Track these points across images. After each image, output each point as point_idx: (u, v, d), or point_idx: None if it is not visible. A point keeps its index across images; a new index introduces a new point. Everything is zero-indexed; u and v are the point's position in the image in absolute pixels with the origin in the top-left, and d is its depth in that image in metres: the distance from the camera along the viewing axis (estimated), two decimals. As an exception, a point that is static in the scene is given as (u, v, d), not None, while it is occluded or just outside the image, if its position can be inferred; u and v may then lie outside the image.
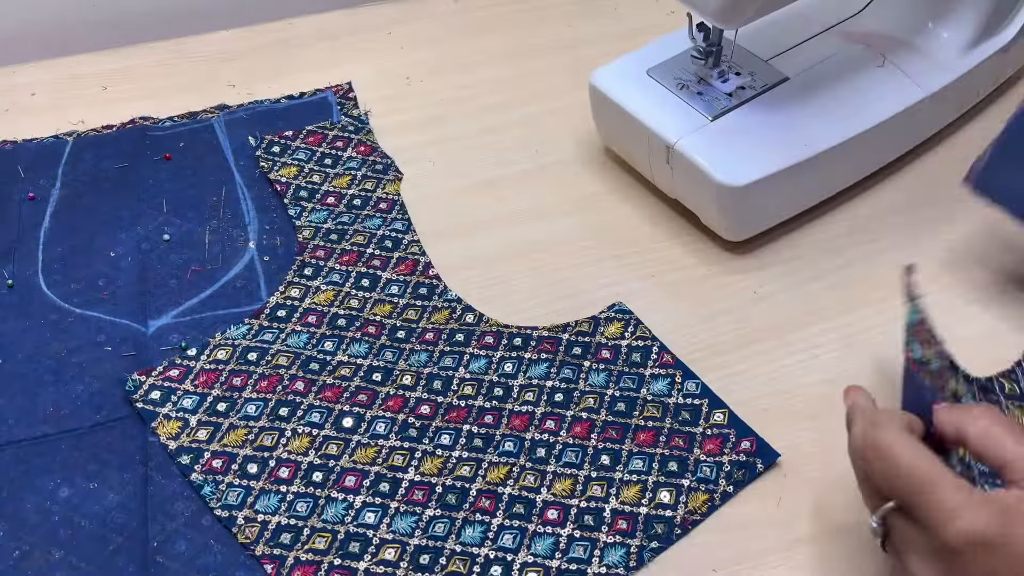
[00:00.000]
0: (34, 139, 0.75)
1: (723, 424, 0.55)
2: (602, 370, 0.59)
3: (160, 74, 0.82)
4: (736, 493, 0.53)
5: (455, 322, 0.62)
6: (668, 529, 0.51)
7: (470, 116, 0.77)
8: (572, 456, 0.55)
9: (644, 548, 0.51)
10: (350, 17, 0.87)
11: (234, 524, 0.52)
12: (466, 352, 0.60)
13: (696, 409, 0.56)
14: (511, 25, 0.86)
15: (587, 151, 0.73)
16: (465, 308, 0.63)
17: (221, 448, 0.55)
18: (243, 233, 0.68)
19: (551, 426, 0.56)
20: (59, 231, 0.68)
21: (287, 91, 0.79)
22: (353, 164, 0.72)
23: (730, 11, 0.58)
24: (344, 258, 0.65)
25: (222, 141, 0.75)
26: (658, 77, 0.67)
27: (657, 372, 0.58)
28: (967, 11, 0.70)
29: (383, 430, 0.56)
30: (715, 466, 0.54)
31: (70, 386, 0.59)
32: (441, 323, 0.62)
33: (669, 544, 0.51)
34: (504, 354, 0.60)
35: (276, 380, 0.58)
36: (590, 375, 0.59)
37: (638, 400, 0.57)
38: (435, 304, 0.63)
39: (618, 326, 0.61)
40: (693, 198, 0.65)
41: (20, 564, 0.51)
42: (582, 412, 0.57)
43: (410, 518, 0.52)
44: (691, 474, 0.53)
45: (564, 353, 0.60)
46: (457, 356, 0.60)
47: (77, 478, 0.55)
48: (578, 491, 0.53)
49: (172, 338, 0.61)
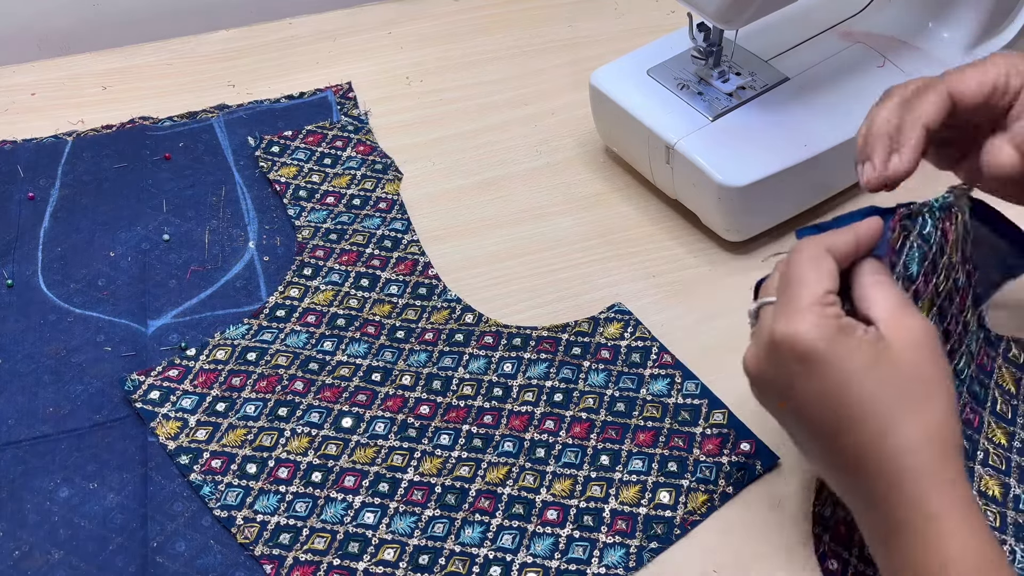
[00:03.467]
0: (34, 139, 0.75)
1: (722, 424, 0.55)
2: (601, 370, 0.59)
3: (160, 74, 0.82)
4: (736, 494, 0.53)
5: (454, 322, 0.62)
6: (668, 529, 0.51)
7: (470, 116, 0.77)
8: (571, 456, 0.55)
9: (643, 548, 0.50)
10: (350, 17, 0.87)
11: (233, 524, 0.52)
12: (465, 352, 0.60)
13: (696, 409, 0.56)
14: (511, 25, 0.86)
15: (587, 151, 0.73)
16: (464, 308, 0.63)
17: (220, 448, 0.55)
18: (243, 233, 0.68)
19: (550, 426, 0.56)
20: (59, 231, 0.68)
21: (287, 91, 0.79)
22: (353, 164, 0.72)
23: (730, 11, 0.58)
24: (343, 258, 0.65)
25: (222, 141, 0.75)
26: (658, 77, 0.67)
27: (657, 372, 0.58)
28: (967, 11, 0.70)
29: (382, 430, 0.56)
30: (715, 467, 0.54)
31: (70, 386, 0.59)
32: (440, 323, 0.62)
33: (669, 544, 0.51)
34: (503, 354, 0.60)
35: (275, 380, 0.58)
36: (589, 375, 0.58)
37: (638, 400, 0.57)
38: (434, 304, 0.63)
39: (617, 327, 0.61)
40: (693, 198, 0.65)
41: (20, 564, 0.51)
42: (581, 412, 0.57)
43: (409, 518, 0.52)
44: (691, 474, 0.53)
45: (563, 353, 0.60)
46: (456, 356, 0.60)
47: (77, 478, 0.55)
48: (577, 491, 0.53)
49: (172, 338, 0.61)
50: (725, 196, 0.61)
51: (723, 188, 0.61)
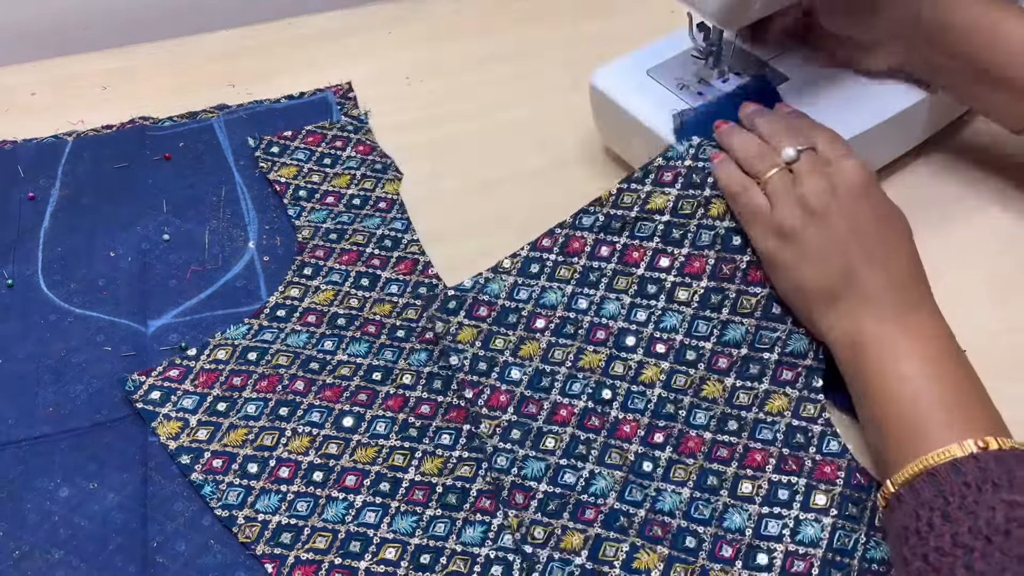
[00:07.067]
0: (34, 139, 0.75)
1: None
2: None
3: (160, 74, 0.82)
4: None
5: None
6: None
7: (470, 116, 0.77)
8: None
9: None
10: (350, 17, 0.87)
11: (234, 524, 0.52)
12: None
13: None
14: (511, 25, 0.86)
15: (587, 151, 0.73)
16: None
17: (221, 448, 0.55)
18: (243, 233, 0.68)
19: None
20: (59, 231, 0.68)
21: (287, 91, 0.79)
22: (352, 164, 0.72)
23: (730, 12, 0.58)
24: (344, 258, 0.65)
25: (222, 141, 0.74)
26: (658, 77, 0.67)
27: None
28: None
29: (383, 430, 0.56)
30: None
31: (70, 386, 0.59)
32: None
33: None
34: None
35: (276, 380, 0.58)
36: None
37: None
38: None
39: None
40: (693, 198, 0.65)
41: (20, 564, 0.51)
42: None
43: (410, 518, 0.52)
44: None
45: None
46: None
47: (77, 478, 0.55)
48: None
49: (172, 338, 0.61)
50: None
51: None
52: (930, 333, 0.49)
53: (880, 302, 0.50)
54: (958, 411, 0.46)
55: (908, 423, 0.46)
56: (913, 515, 0.42)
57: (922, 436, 0.45)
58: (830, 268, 0.52)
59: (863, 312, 0.50)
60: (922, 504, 0.42)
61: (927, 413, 0.46)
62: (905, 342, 0.49)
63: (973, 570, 0.39)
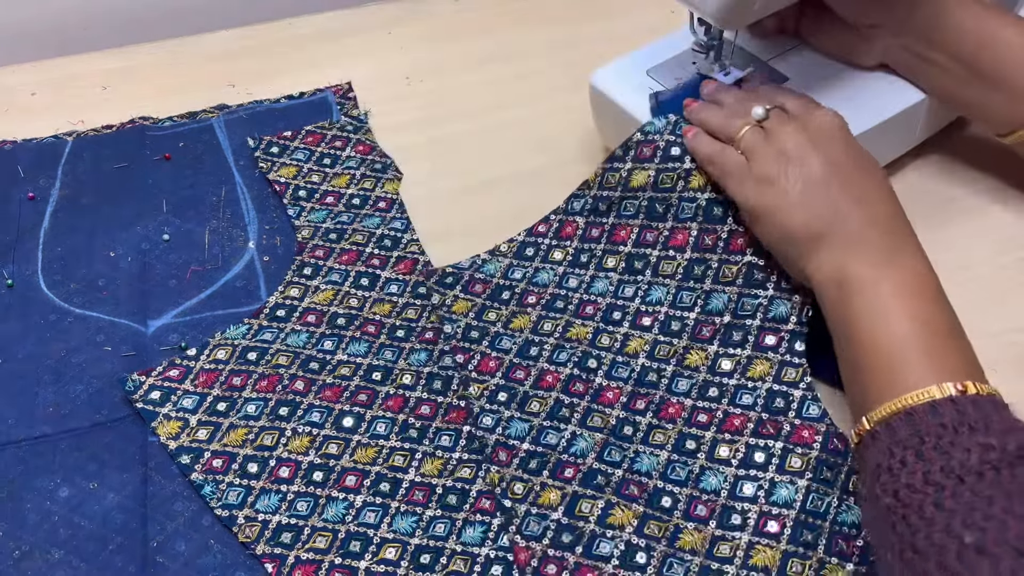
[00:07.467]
0: (34, 139, 0.75)
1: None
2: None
3: (160, 74, 0.82)
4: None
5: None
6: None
7: (470, 116, 0.77)
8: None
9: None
10: (350, 17, 0.87)
11: (234, 523, 0.52)
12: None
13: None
14: (511, 25, 0.86)
15: (587, 151, 0.73)
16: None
17: (221, 448, 0.55)
18: (243, 233, 0.68)
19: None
20: (59, 231, 0.68)
21: (287, 91, 0.79)
22: (352, 164, 0.72)
23: (730, 12, 0.58)
24: (343, 257, 0.65)
25: (222, 141, 0.74)
26: (658, 77, 0.67)
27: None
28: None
29: (383, 430, 0.56)
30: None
31: (70, 386, 0.59)
32: (441, 322, 0.62)
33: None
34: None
35: (276, 380, 0.58)
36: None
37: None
38: (435, 303, 0.63)
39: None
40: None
41: (20, 564, 0.51)
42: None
43: (411, 518, 0.52)
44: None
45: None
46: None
47: (77, 478, 0.55)
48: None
49: (172, 338, 0.61)
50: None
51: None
52: (915, 274, 0.49)
53: (865, 242, 0.50)
54: (939, 354, 0.46)
55: (888, 362, 0.46)
56: (887, 452, 0.43)
57: (901, 376, 0.45)
58: (814, 209, 0.52)
59: (849, 252, 0.50)
60: (897, 442, 0.42)
61: (908, 354, 0.46)
62: (890, 283, 0.49)
63: (943, 507, 0.39)
